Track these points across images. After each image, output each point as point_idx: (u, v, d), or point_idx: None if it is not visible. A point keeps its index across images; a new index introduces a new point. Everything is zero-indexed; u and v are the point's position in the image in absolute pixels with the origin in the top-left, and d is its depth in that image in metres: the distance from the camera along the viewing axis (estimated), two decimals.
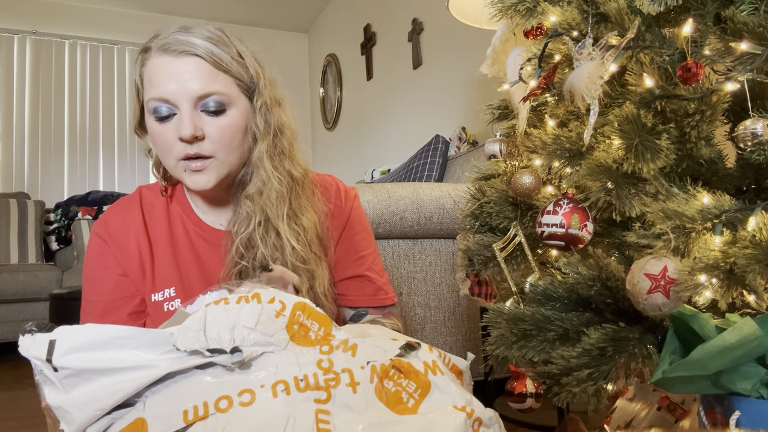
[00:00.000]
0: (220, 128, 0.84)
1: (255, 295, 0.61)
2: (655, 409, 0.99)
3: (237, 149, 0.88)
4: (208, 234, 0.95)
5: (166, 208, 0.96)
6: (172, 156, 0.85)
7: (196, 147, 0.84)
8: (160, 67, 0.83)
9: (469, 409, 0.56)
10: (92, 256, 0.93)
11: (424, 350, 0.63)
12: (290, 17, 5.08)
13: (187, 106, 0.82)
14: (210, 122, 0.84)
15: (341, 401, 0.54)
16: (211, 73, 0.83)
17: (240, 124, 0.86)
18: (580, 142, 0.85)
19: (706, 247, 0.72)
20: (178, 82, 0.82)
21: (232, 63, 0.86)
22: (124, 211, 0.95)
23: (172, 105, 0.83)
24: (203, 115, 0.84)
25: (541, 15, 0.91)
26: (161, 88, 0.82)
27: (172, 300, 0.91)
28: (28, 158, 4.44)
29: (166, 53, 0.83)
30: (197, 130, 0.83)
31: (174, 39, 0.83)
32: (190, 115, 0.82)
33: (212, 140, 0.84)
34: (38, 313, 3.23)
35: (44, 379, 0.55)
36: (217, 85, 0.83)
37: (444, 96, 3.18)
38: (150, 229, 0.94)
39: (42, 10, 4.53)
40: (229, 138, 0.85)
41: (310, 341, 0.60)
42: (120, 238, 0.92)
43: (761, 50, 0.72)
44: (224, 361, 0.55)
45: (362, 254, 1.02)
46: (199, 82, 0.82)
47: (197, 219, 0.96)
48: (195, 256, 0.94)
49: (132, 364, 0.54)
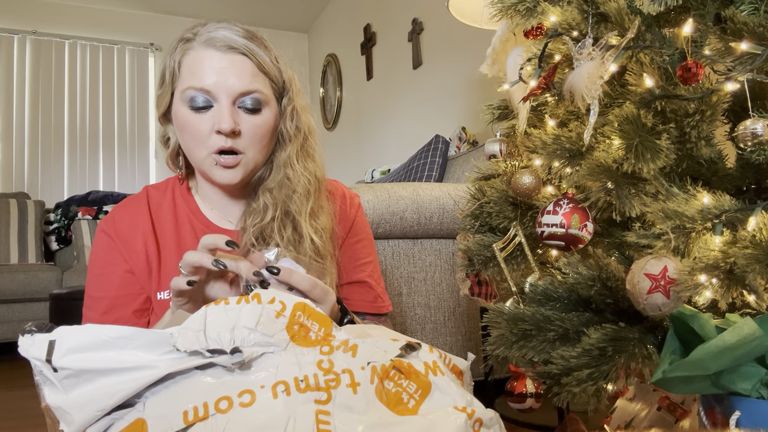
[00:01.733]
0: (255, 126, 0.87)
1: (255, 296, 0.61)
2: (655, 409, 0.99)
3: (265, 148, 0.91)
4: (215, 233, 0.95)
5: (173, 207, 0.97)
6: (205, 147, 0.87)
7: (232, 141, 0.86)
8: (204, 59, 0.85)
9: (469, 410, 0.56)
10: (98, 253, 0.94)
11: (424, 351, 0.63)
12: (290, 17, 5.08)
13: (226, 101, 0.85)
14: (246, 119, 0.87)
15: (342, 402, 0.54)
16: (254, 73, 0.86)
17: (271, 124, 0.90)
18: (580, 142, 0.85)
19: (706, 247, 0.72)
20: (221, 76, 0.84)
21: (271, 66, 0.89)
22: (131, 209, 0.96)
23: (211, 97, 0.85)
24: (240, 112, 0.86)
25: (541, 15, 0.91)
26: (203, 79, 0.84)
27: None
28: (28, 158, 4.44)
29: (212, 47, 0.85)
30: (236, 125, 0.85)
31: (221, 35, 0.85)
32: (230, 109, 0.85)
33: (246, 137, 0.87)
34: (38, 313, 3.23)
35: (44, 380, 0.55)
36: (257, 84, 0.86)
37: (444, 96, 3.18)
38: (157, 228, 0.95)
39: (42, 10, 4.53)
40: (261, 136, 0.88)
41: (311, 342, 0.60)
42: (127, 235, 0.93)
43: (761, 50, 0.72)
44: (224, 362, 0.55)
45: (365, 261, 1.04)
46: (242, 79, 0.85)
47: (205, 219, 0.97)
48: None
49: (132, 365, 0.54)
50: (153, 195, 0.98)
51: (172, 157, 0.98)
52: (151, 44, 4.85)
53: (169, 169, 1.01)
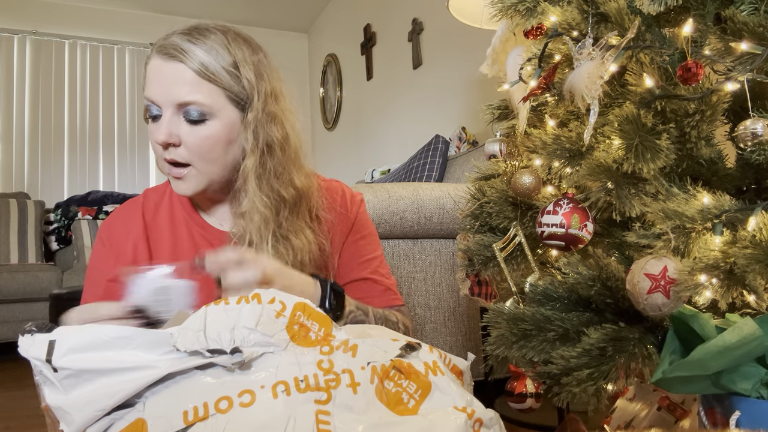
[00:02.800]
0: (198, 138, 0.84)
1: (255, 296, 0.61)
2: (655, 409, 0.99)
3: (217, 161, 0.86)
4: (212, 235, 0.96)
5: (171, 209, 0.97)
6: (158, 156, 0.88)
7: (172, 153, 0.85)
8: (153, 69, 0.85)
9: (469, 410, 0.56)
10: (93, 258, 0.96)
11: (424, 351, 0.63)
12: (290, 17, 5.08)
13: (170, 111, 0.84)
14: (189, 131, 0.84)
15: (342, 402, 0.54)
16: (194, 82, 0.83)
17: (221, 135, 0.85)
18: (580, 142, 0.85)
19: (706, 247, 0.72)
20: (163, 86, 0.83)
21: (221, 73, 0.84)
22: (126, 213, 0.97)
23: (159, 107, 0.84)
24: (183, 123, 0.84)
25: (541, 15, 0.91)
26: (150, 89, 0.84)
27: None
28: (28, 158, 4.44)
29: (159, 55, 0.84)
30: (171, 136, 0.83)
31: (170, 42, 0.84)
32: (169, 120, 0.83)
33: (189, 148, 0.85)
34: (38, 313, 3.23)
35: (44, 380, 0.55)
36: (197, 95, 0.83)
37: (444, 96, 3.18)
38: (150, 233, 0.95)
39: (42, 10, 4.52)
40: (207, 148, 0.85)
41: (311, 342, 0.60)
42: (119, 240, 0.94)
43: (761, 50, 0.72)
44: (224, 362, 0.55)
45: (368, 258, 1.02)
46: (181, 89, 0.82)
47: (201, 221, 0.97)
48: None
49: (132, 365, 0.54)
50: (150, 197, 0.99)
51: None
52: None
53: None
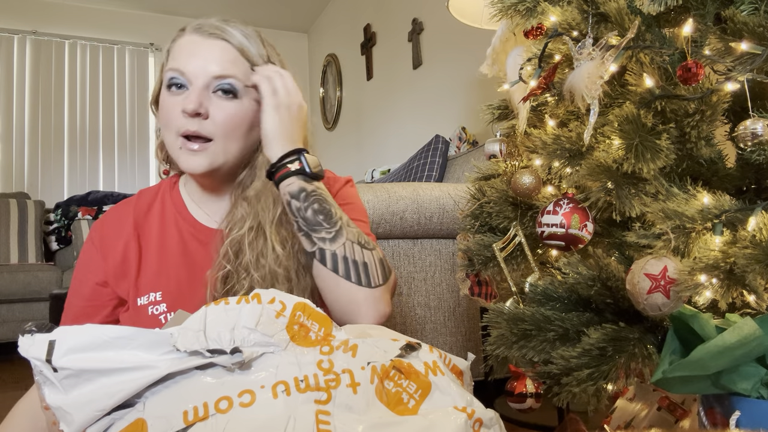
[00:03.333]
0: (227, 112, 0.84)
1: (255, 296, 0.61)
2: (655, 409, 0.99)
3: (239, 140, 0.87)
4: (202, 234, 0.94)
5: (162, 209, 0.96)
6: (173, 129, 0.85)
7: (197, 124, 0.83)
8: (187, 44, 0.85)
9: (469, 410, 0.56)
10: (81, 259, 0.95)
11: (424, 351, 0.63)
12: (290, 17, 5.08)
13: (200, 84, 0.83)
14: (219, 104, 0.84)
15: (342, 402, 0.54)
16: (234, 59, 0.85)
17: (247, 115, 0.86)
18: (580, 142, 0.85)
19: (706, 247, 0.72)
20: (199, 60, 0.83)
21: (257, 58, 0.87)
22: (118, 213, 0.96)
23: (186, 79, 0.84)
24: (213, 97, 0.84)
25: (541, 15, 0.91)
26: (181, 61, 0.84)
27: (157, 304, 0.90)
28: (28, 158, 4.44)
29: (197, 33, 0.86)
30: (202, 107, 0.83)
31: (210, 23, 0.86)
32: (200, 92, 0.83)
33: (215, 122, 0.84)
34: (38, 313, 3.23)
35: (44, 380, 0.55)
36: (235, 70, 0.85)
37: (444, 96, 3.18)
38: (141, 233, 0.94)
39: (42, 10, 4.53)
40: (233, 125, 0.85)
41: (311, 342, 0.60)
42: (109, 241, 0.93)
43: (761, 50, 0.72)
44: (224, 362, 0.55)
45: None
46: (219, 65, 0.84)
47: (191, 218, 0.95)
48: (186, 258, 0.93)
49: (132, 365, 0.54)
50: (144, 197, 0.98)
51: (160, 148, 0.96)
52: (151, 44, 4.85)
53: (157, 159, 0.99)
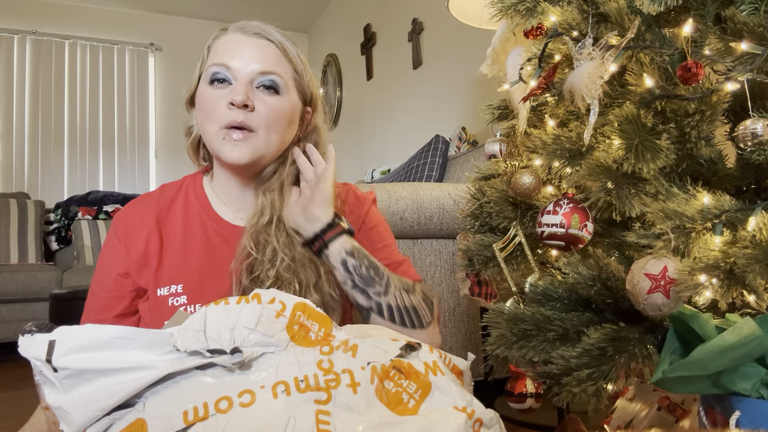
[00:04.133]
0: (271, 106, 0.88)
1: (255, 296, 0.61)
2: (655, 409, 0.99)
3: (279, 133, 0.90)
4: (225, 230, 0.96)
5: (186, 204, 0.98)
6: (217, 121, 0.87)
7: (243, 115, 0.86)
8: (231, 41, 0.89)
9: (469, 410, 0.56)
10: (104, 250, 0.96)
11: (424, 351, 0.63)
12: (290, 17, 5.08)
13: (245, 79, 0.87)
14: (262, 98, 0.88)
15: (342, 402, 0.54)
16: (277, 58, 0.89)
17: (287, 111, 0.90)
18: (580, 142, 0.85)
19: (706, 247, 0.72)
20: (244, 58, 0.87)
21: (296, 60, 0.92)
22: (141, 206, 0.98)
23: (231, 74, 0.87)
24: (257, 92, 0.88)
25: (541, 15, 0.91)
26: (226, 57, 0.87)
27: (177, 296, 0.92)
28: (28, 158, 4.44)
29: (241, 32, 0.90)
30: (249, 99, 0.86)
31: (253, 24, 0.91)
32: (246, 86, 0.87)
33: (260, 114, 0.87)
34: (38, 313, 3.23)
35: (44, 380, 0.55)
36: (279, 68, 0.89)
37: (444, 96, 3.18)
38: (163, 226, 0.95)
39: (42, 10, 4.53)
40: (276, 118, 0.89)
41: (311, 342, 0.60)
42: (132, 233, 0.94)
43: (761, 50, 0.72)
44: (224, 362, 0.55)
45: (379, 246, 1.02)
46: (263, 61, 0.88)
47: (215, 215, 0.97)
48: (209, 253, 0.95)
49: (132, 365, 0.54)
50: (167, 191, 1.00)
51: (193, 146, 0.99)
52: (151, 44, 4.84)
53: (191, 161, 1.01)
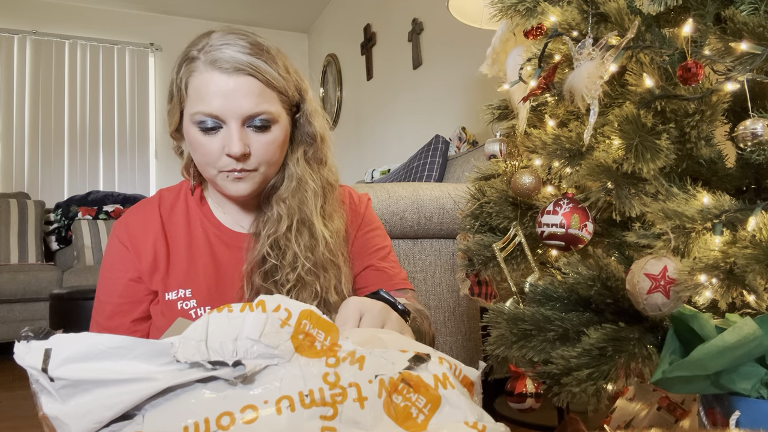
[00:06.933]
0: (265, 144, 0.87)
1: (260, 303, 0.58)
2: (655, 409, 0.99)
3: (277, 162, 0.92)
4: (228, 237, 0.97)
5: (186, 210, 0.99)
6: (216, 167, 0.87)
7: (242, 164, 0.86)
8: (210, 83, 0.83)
9: (480, 426, 0.54)
10: (109, 257, 0.96)
11: (433, 362, 0.60)
12: (290, 17, 5.07)
13: (235, 124, 0.84)
14: (255, 138, 0.86)
15: (348, 417, 0.52)
16: (261, 92, 0.85)
17: (281, 139, 0.89)
18: (580, 142, 0.85)
19: (706, 247, 0.72)
20: (229, 100, 0.83)
21: (280, 80, 0.87)
22: (144, 212, 0.98)
23: (220, 120, 0.84)
24: (249, 131, 0.86)
25: (541, 15, 0.91)
26: (211, 104, 0.83)
27: (187, 300, 0.93)
28: (28, 158, 4.44)
29: (216, 69, 0.83)
30: (246, 147, 0.85)
31: (226, 55, 0.83)
32: (239, 132, 0.84)
33: (257, 155, 0.87)
34: (38, 313, 3.23)
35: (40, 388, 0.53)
36: (266, 105, 0.85)
37: (444, 96, 3.17)
38: (168, 231, 0.96)
39: (42, 10, 4.52)
40: (272, 153, 0.89)
41: (316, 352, 0.57)
42: (139, 240, 0.95)
43: (761, 50, 0.72)
44: (226, 375, 0.52)
45: (375, 248, 1.06)
46: (250, 101, 0.83)
47: (217, 222, 0.98)
48: (212, 259, 0.96)
49: (130, 376, 0.52)
50: (166, 198, 1.00)
51: (186, 168, 0.99)
52: (151, 44, 4.84)
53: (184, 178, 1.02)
